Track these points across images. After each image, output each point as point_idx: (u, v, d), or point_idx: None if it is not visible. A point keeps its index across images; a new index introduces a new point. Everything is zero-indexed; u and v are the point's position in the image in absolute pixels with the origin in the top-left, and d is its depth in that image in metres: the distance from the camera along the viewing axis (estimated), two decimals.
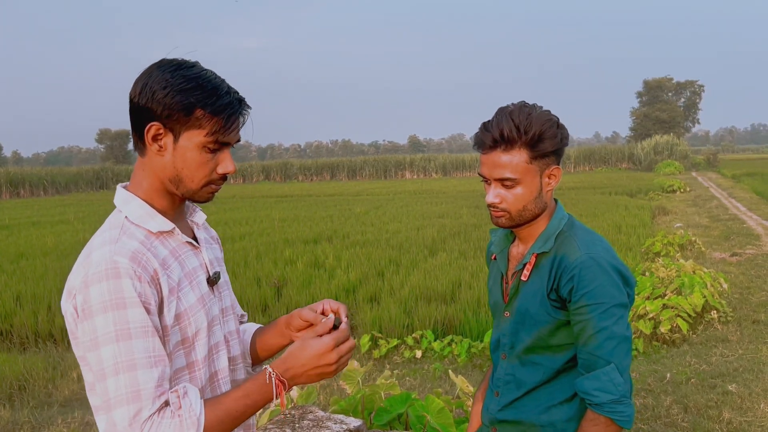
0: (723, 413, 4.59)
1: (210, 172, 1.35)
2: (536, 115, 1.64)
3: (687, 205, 20.12)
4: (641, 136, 59.60)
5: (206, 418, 1.25)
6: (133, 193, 1.37)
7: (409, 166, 57.67)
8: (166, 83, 1.28)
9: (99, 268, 1.23)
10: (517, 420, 1.75)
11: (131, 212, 1.34)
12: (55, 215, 22.20)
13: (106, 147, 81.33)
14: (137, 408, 1.20)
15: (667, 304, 6.74)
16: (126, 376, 1.20)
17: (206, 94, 1.29)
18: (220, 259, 1.53)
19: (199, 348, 1.36)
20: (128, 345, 1.21)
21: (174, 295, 1.31)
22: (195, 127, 1.30)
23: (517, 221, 1.71)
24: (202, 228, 1.51)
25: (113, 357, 1.21)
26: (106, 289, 1.21)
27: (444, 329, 7.11)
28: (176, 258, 1.35)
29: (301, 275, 9.27)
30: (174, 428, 1.21)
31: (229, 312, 1.49)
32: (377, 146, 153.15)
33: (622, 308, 1.62)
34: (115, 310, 1.21)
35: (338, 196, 29.60)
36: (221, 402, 1.29)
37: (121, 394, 1.20)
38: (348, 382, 4.01)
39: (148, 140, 1.31)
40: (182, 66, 1.32)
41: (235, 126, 1.33)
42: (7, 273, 10.04)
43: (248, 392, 1.30)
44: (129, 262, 1.24)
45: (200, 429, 1.23)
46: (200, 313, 1.36)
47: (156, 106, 1.29)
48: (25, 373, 6.03)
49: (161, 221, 1.35)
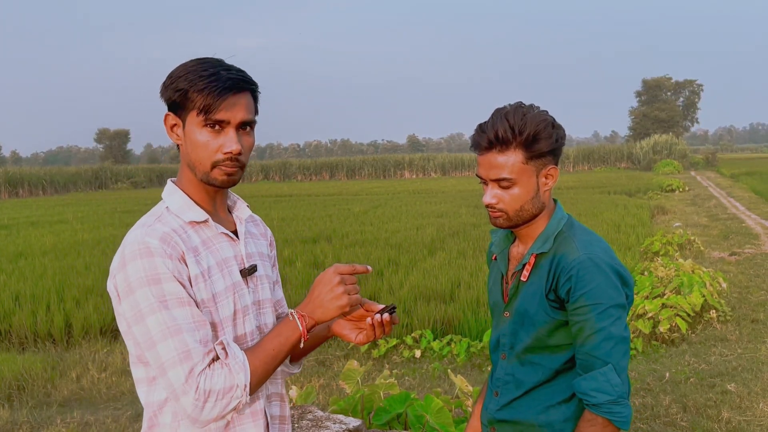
0: (722, 412, 4.59)
1: (213, 152, 1.40)
2: (531, 116, 1.65)
3: (686, 205, 20.14)
4: (640, 136, 59.64)
5: (250, 362, 1.36)
6: (177, 185, 1.49)
7: (408, 166, 57.69)
8: (170, 76, 1.41)
9: (133, 248, 1.34)
10: (516, 420, 1.75)
11: (172, 203, 1.45)
12: (54, 215, 22.17)
13: (104, 146, 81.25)
14: (190, 366, 1.30)
15: (666, 303, 6.74)
16: (174, 339, 1.30)
17: (197, 77, 1.38)
18: (265, 255, 1.60)
19: (227, 333, 1.42)
20: (170, 314, 1.32)
21: (201, 280, 1.39)
22: (191, 108, 1.39)
23: (514, 221, 1.72)
24: (250, 223, 1.60)
25: (159, 325, 1.31)
26: (141, 266, 1.32)
27: (443, 329, 7.11)
28: (208, 247, 1.44)
29: (299, 275, 9.27)
30: (225, 376, 1.32)
31: (267, 305, 1.55)
32: (376, 146, 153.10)
33: (620, 309, 1.62)
34: (152, 284, 1.31)
35: (337, 196, 29.60)
36: (259, 345, 1.41)
37: (173, 356, 1.30)
38: (347, 381, 4.01)
39: (168, 131, 1.44)
40: (194, 59, 1.42)
41: (225, 101, 1.38)
42: (6, 273, 10.02)
43: (279, 331, 1.42)
44: (159, 243, 1.34)
45: (247, 372, 1.34)
46: (228, 300, 1.43)
47: (166, 98, 1.42)
48: (23, 373, 6.02)
49: (197, 212, 1.44)
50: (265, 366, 1.38)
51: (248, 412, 1.45)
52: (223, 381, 1.31)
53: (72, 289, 8.60)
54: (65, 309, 7.78)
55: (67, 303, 8.02)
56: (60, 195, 44.34)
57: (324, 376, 5.95)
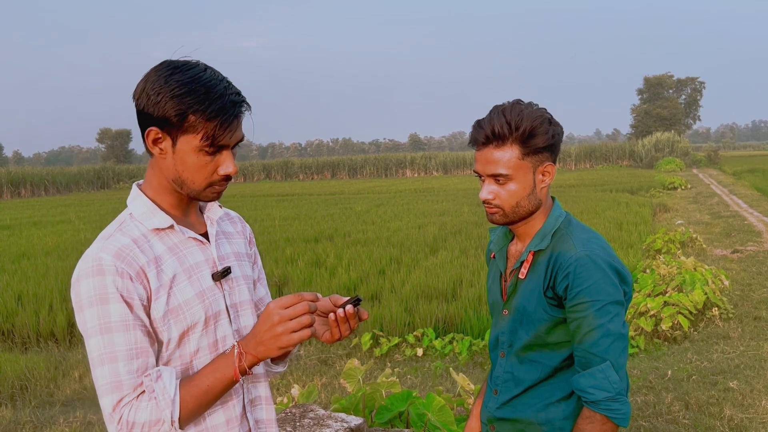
0: (724, 410, 4.59)
1: (210, 174, 1.36)
2: (528, 112, 1.65)
3: (688, 202, 20.11)
4: (642, 134, 59.57)
5: (181, 397, 1.30)
6: (142, 190, 1.42)
7: (409, 165, 57.70)
8: (160, 89, 1.30)
9: (86, 264, 1.31)
10: (515, 418, 1.75)
11: (135, 209, 1.40)
12: (56, 215, 22.21)
13: (106, 146, 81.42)
14: (119, 396, 1.28)
15: (668, 301, 6.74)
16: (109, 366, 1.29)
17: (198, 99, 1.30)
18: (242, 254, 1.54)
19: (192, 341, 1.38)
20: (110, 338, 1.29)
21: (165, 290, 1.34)
22: (190, 131, 1.32)
23: (511, 218, 1.72)
24: (225, 221, 1.55)
25: (98, 348, 1.29)
26: (92, 284, 1.29)
27: (445, 327, 7.11)
28: (175, 254, 1.38)
29: (302, 274, 9.28)
30: (151, 410, 1.28)
31: (245, 306, 1.49)
32: (378, 144, 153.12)
33: (618, 306, 1.62)
34: (99, 304, 1.28)
35: (339, 195, 29.60)
36: (193, 379, 1.34)
37: (106, 383, 1.29)
38: (349, 380, 4.01)
39: (149, 144, 1.36)
40: (179, 69, 1.32)
41: (231, 129, 1.33)
42: (9, 273, 10.05)
43: (216, 367, 1.34)
44: (113, 259, 1.30)
45: (175, 408, 1.29)
46: (197, 308, 1.38)
47: (152, 111, 1.32)
48: (26, 373, 6.04)
49: (161, 218, 1.38)
50: (197, 401, 1.32)
51: (223, 420, 1.41)
52: (148, 415, 1.27)
53: None
54: (68, 309, 7.79)
55: (69, 303, 8.00)
56: (62, 195, 44.42)
57: (326, 375, 5.96)
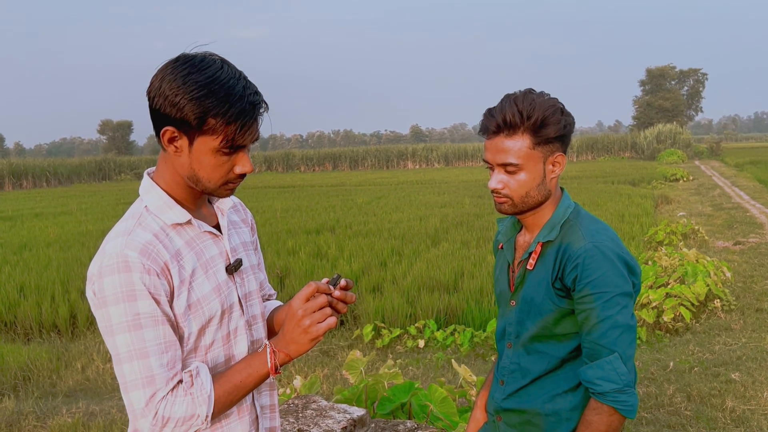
0: (726, 401, 4.59)
1: (227, 172, 1.36)
2: (540, 101, 1.64)
3: (690, 194, 20.08)
4: (644, 125, 59.42)
5: (216, 393, 1.33)
6: (156, 182, 1.40)
7: (411, 156, 57.58)
8: (177, 90, 1.27)
9: (111, 261, 1.28)
10: (522, 409, 1.75)
11: (151, 202, 1.38)
12: (58, 206, 22.23)
13: (108, 138, 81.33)
14: (152, 391, 1.28)
15: (670, 293, 6.74)
16: (140, 362, 1.28)
17: (218, 102, 1.27)
18: (248, 243, 1.56)
19: (208, 335, 1.40)
20: (140, 334, 1.28)
21: (185, 285, 1.35)
22: (209, 133, 1.30)
23: (520, 208, 1.71)
24: (233, 211, 1.56)
25: (127, 345, 1.28)
26: (118, 281, 1.27)
27: (447, 319, 7.12)
28: (192, 248, 1.39)
29: (303, 265, 9.28)
30: (187, 405, 1.30)
31: (254, 296, 1.52)
32: (379, 136, 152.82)
33: (626, 297, 1.61)
34: (126, 301, 1.27)
35: (340, 187, 29.59)
36: (227, 375, 1.37)
37: (136, 378, 1.28)
38: (351, 371, 4.01)
39: (164, 142, 1.33)
40: (196, 68, 1.29)
41: (250, 131, 1.32)
42: (11, 264, 10.06)
43: (249, 363, 1.39)
44: (139, 256, 1.28)
45: (211, 404, 1.31)
46: (215, 302, 1.39)
47: (170, 112, 1.29)
48: (29, 364, 6.06)
49: (178, 212, 1.38)
50: (229, 396, 1.35)
51: (235, 409, 1.43)
52: (184, 410, 1.29)
53: (76, 280, 8.62)
54: (70, 300, 7.81)
55: (71, 294, 8.05)
56: (64, 186, 44.43)
57: (328, 366, 5.96)
